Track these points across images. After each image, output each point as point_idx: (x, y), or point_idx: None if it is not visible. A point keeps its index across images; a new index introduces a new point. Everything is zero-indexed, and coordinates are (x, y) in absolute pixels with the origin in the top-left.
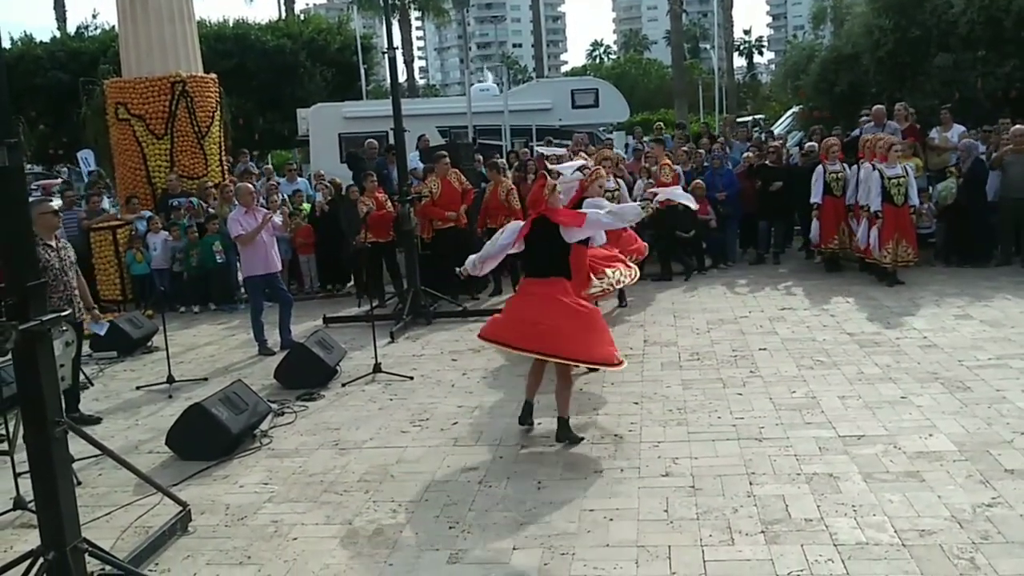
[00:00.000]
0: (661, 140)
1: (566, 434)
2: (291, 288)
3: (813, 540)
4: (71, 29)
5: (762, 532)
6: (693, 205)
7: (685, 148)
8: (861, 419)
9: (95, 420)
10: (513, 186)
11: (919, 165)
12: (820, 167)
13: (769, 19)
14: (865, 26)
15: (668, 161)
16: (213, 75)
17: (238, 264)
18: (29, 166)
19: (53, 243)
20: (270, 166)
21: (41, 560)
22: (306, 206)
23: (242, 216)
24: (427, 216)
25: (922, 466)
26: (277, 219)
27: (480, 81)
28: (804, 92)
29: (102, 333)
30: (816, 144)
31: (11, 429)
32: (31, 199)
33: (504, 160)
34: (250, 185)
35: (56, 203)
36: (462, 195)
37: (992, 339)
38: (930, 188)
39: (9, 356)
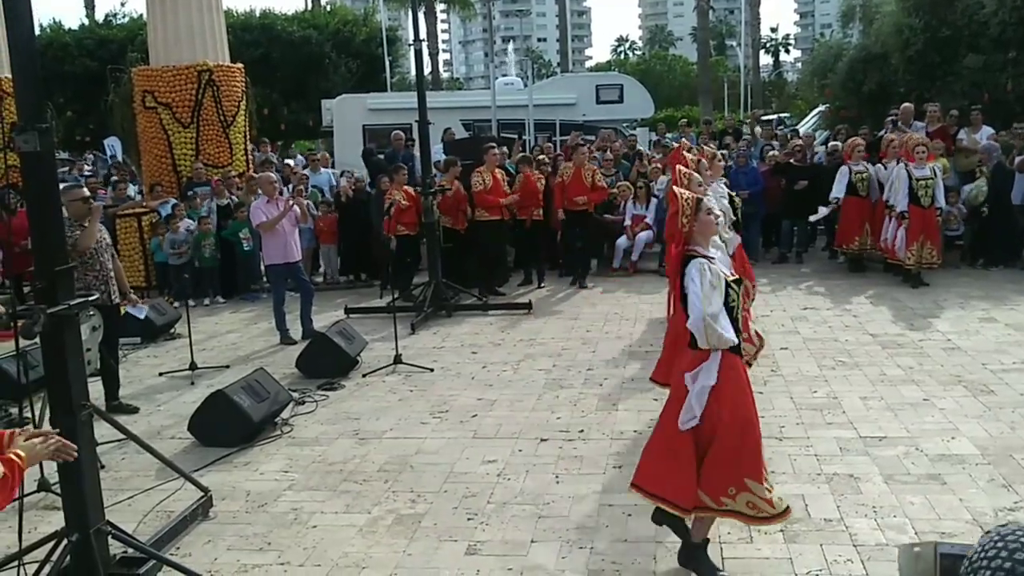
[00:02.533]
0: (579, 145)
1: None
2: (314, 279)
3: (832, 540)
4: (99, 17)
5: (781, 531)
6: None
7: (724, 151)
8: (883, 420)
9: (132, 409)
10: (542, 176)
11: (946, 167)
12: (845, 166)
13: (796, 17)
14: (894, 25)
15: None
16: (239, 65)
17: (260, 254)
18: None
19: (87, 225)
20: (290, 162)
21: (65, 542)
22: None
23: (264, 205)
24: (484, 205)
25: (944, 469)
26: (296, 209)
27: (504, 75)
28: (831, 91)
29: (142, 317)
30: (840, 144)
31: (37, 412)
32: (63, 185)
33: (529, 154)
34: (272, 175)
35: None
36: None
37: (1017, 343)
38: (960, 191)
39: (37, 339)
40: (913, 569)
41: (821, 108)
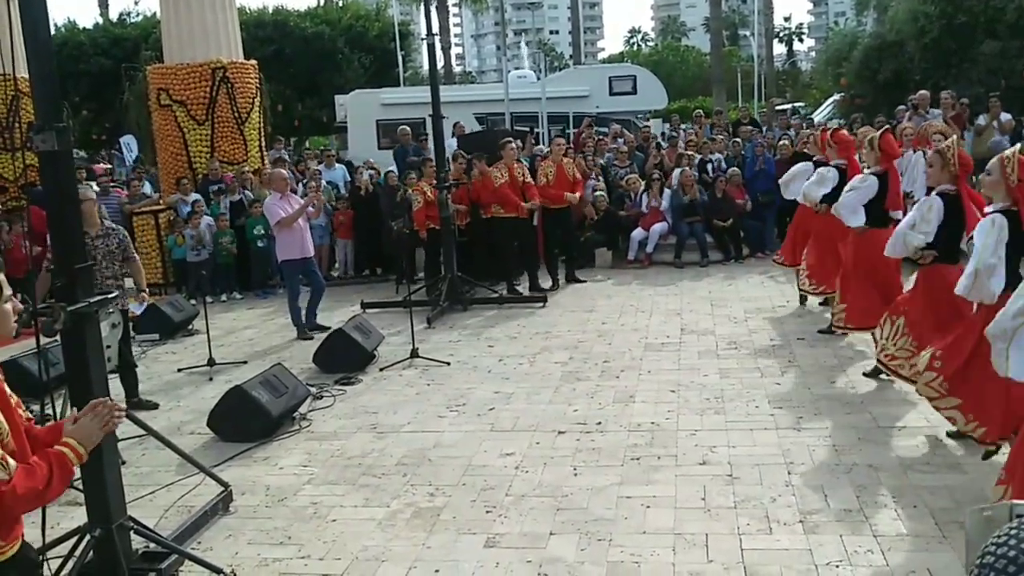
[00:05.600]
0: (563, 136)
1: None
2: (331, 274)
3: (852, 531)
4: (113, 16)
5: (800, 522)
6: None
7: (736, 139)
8: (902, 409)
9: (152, 405)
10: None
11: None
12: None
13: (810, 5)
14: (910, 12)
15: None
16: (253, 61)
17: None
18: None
19: (92, 231)
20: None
21: (88, 537)
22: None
23: (278, 201)
24: (501, 201)
25: (964, 458)
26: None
27: (517, 68)
28: (846, 80)
29: (138, 312)
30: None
31: (58, 409)
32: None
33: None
34: (284, 171)
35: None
36: (523, 188)
37: None
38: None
39: (57, 337)
40: (984, 534)
41: (836, 97)
